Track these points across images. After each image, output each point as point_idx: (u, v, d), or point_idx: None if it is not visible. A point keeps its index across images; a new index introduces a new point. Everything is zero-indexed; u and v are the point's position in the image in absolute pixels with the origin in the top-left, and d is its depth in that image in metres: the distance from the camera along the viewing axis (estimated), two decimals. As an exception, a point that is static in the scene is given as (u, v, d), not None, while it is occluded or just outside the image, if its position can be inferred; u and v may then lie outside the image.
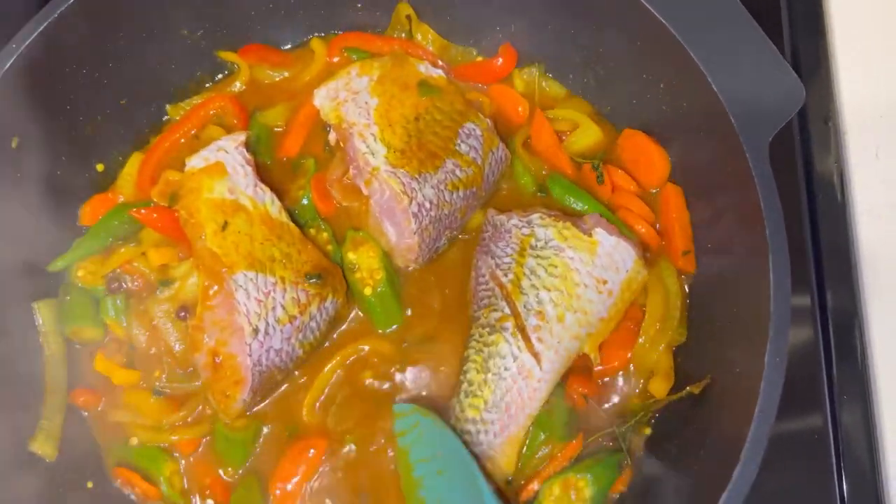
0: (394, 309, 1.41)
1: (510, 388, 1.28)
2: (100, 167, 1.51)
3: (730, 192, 1.26)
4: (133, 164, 1.51)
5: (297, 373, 1.39)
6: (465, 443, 1.28)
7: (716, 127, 1.23)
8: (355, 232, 1.43)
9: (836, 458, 1.40)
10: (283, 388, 1.38)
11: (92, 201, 1.48)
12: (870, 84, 1.60)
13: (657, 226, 1.44)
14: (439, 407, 1.34)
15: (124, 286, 1.40)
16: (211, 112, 1.53)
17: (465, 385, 1.31)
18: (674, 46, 1.25)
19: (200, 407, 1.37)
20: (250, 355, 1.26)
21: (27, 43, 1.28)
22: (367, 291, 1.39)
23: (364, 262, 1.40)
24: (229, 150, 1.38)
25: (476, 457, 1.26)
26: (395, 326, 1.41)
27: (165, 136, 1.52)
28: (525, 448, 1.32)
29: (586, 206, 1.44)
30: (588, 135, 1.50)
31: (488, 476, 1.27)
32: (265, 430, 1.37)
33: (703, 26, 1.25)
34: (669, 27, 1.25)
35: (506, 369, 1.28)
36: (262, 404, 1.37)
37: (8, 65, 1.27)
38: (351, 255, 1.41)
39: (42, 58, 1.31)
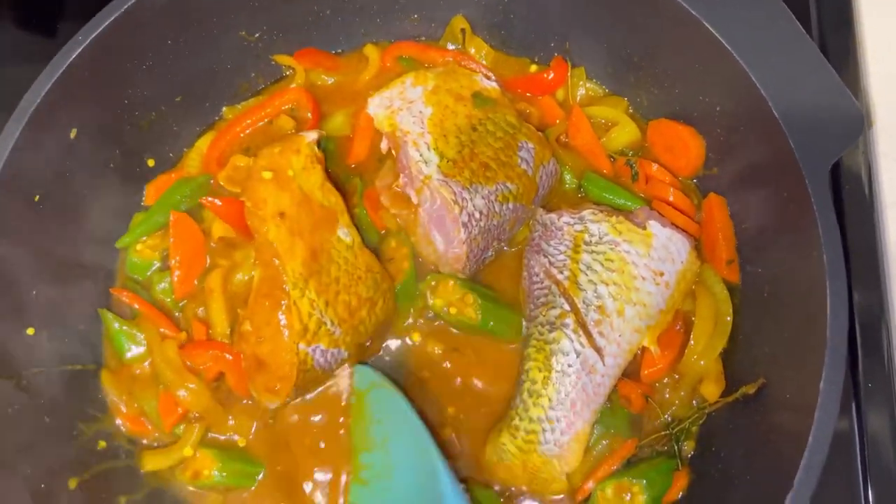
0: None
1: (574, 384, 1.27)
2: (150, 162, 1.53)
3: (784, 214, 1.26)
4: (203, 142, 1.54)
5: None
6: (531, 441, 1.26)
7: (774, 153, 1.23)
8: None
9: (862, 462, 1.36)
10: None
11: (157, 181, 1.51)
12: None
13: (698, 216, 1.44)
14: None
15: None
16: (286, 105, 1.56)
17: (527, 384, 1.29)
18: (734, 69, 1.25)
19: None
20: (297, 353, 1.26)
21: (91, 38, 1.30)
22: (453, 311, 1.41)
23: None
24: (301, 147, 1.38)
25: (542, 454, 1.26)
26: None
27: (239, 118, 1.55)
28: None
29: (625, 202, 1.45)
30: (626, 132, 1.51)
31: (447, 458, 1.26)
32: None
33: (765, 49, 1.25)
34: (731, 49, 1.26)
35: (569, 365, 1.27)
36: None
37: (72, 58, 1.29)
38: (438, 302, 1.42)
39: (105, 53, 1.33)
